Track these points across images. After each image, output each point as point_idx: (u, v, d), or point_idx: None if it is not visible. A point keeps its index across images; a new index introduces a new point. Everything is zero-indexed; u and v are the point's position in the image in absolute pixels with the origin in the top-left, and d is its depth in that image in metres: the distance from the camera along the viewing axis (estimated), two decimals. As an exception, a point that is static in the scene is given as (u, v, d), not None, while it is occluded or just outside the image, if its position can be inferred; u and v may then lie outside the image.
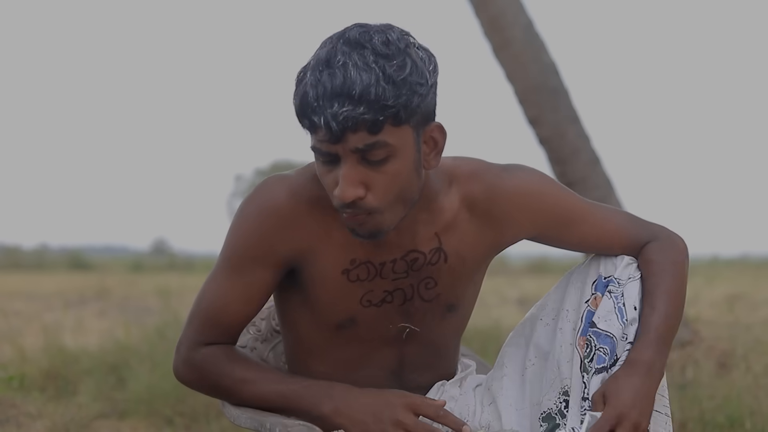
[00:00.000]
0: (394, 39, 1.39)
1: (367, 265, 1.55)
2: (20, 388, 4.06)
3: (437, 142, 1.47)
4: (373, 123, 1.36)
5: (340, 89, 1.35)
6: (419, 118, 1.42)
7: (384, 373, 1.64)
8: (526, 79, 4.88)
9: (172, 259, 20.52)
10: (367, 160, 1.40)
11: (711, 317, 6.26)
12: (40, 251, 22.14)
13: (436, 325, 1.63)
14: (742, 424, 3.06)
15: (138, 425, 3.67)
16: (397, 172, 1.42)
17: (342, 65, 1.36)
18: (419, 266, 1.57)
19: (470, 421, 1.67)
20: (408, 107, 1.38)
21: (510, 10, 4.87)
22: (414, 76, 1.38)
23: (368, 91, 1.35)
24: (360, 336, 1.60)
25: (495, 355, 4.13)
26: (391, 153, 1.40)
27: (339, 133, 1.36)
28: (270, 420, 1.51)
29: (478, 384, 1.73)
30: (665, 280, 1.57)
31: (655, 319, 1.53)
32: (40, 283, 12.28)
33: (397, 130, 1.39)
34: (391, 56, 1.37)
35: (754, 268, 14.42)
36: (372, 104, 1.35)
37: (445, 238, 1.56)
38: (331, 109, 1.35)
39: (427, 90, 1.41)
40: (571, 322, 1.60)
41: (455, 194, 1.56)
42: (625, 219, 1.64)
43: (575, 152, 4.85)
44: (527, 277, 13.43)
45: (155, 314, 6.77)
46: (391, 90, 1.36)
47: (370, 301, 1.57)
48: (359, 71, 1.35)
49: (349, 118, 1.35)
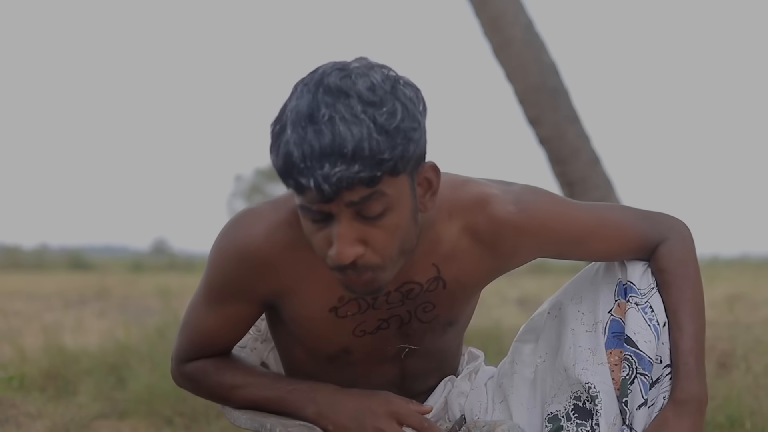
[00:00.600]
0: (378, 82, 1.27)
1: (358, 301, 1.47)
2: (20, 388, 4.06)
3: (431, 183, 1.37)
4: (371, 179, 1.25)
5: (330, 148, 1.22)
6: (414, 163, 1.31)
7: (386, 385, 1.60)
8: (526, 79, 4.88)
9: (172, 259, 20.51)
10: (363, 215, 1.29)
11: (711, 317, 6.25)
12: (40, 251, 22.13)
13: (437, 341, 1.60)
14: (743, 424, 3.05)
15: (138, 425, 3.67)
16: (396, 225, 1.31)
17: (328, 120, 1.23)
18: (415, 295, 1.50)
19: (481, 417, 1.65)
20: (404, 157, 1.27)
21: (510, 10, 4.88)
22: (406, 121, 1.27)
23: (361, 147, 1.22)
24: (357, 361, 1.56)
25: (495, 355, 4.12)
26: (389, 205, 1.30)
27: (332, 193, 1.25)
28: (270, 421, 1.51)
29: (489, 377, 1.70)
30: (685, 292, 1.55)
31: (687, 342, 1.52)
32: (40, 283, 12.27)
33: (395, 180, 1.29)
34: (380, 103, 1.25)
35: (754, 268, 14.41)
36: (367, 161, 1.23)
37: (443, 267, 1.48)
38: (322, 170, 1.22)
39: (420, 134, 1.30)
40: (586, 325, 1.57)
41: (456, 224, 1.47)
42: (633, 220, 1.59)
43: (575, 152, 4.85)
44: (527, 277, 13.42)
45: (155, 314, 6.77)
46: (386, 141, 1.24)
47: (364, 331, 1.51)
48: (348, 125, 1.23)
49: (344, 179, 1.23)
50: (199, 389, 1.61)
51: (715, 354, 4.51)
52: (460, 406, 1.66)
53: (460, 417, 1.66)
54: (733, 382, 3.54)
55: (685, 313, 1.54)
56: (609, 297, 1.57)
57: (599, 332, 1.55)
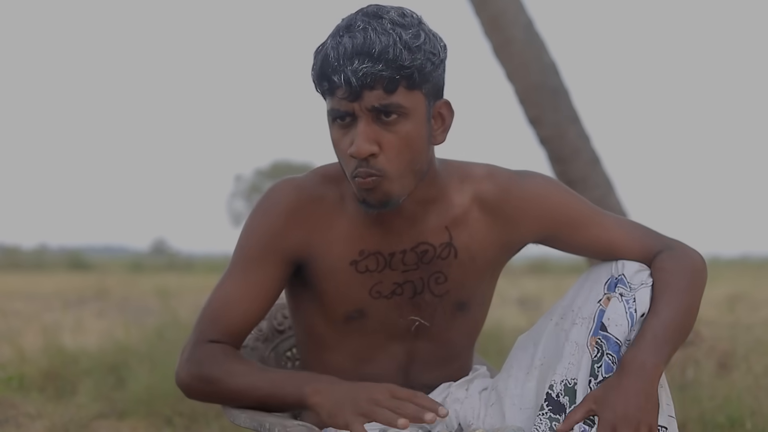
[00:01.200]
0: (409, 13, 1.49)
1: (377, 256, 1.59)
2: (20, 388, 4.06)
3: (445, 119, 1.54)
4: (390, 81, 1.43)
5: (361, 48, 1.43)
6: (430, 88, 1.49)
7: (393, 367, 1.65)
8: (526, 79, 4.87)
9: (171, 259, 20.56)
10: (381, 120, 1.46)
11: (711, 317, 6.26)
12: (39, 251, 22.16)
13: (447, 323, 1.65)
14: (743, 424, 3.05)
15: (137, 425, 3.67)
16: (409, 135, 1.48)
17: (362, 29, 1.44)
18: (429, 259, 1.60)
19: (473, 423, 1.66)
20: (422, 71, 1.46)
21: (510, 10, 4.87)
22: (428, 45, 1.46)
23: (387, 51, 1.43)
24: (370, 328, 1.62)
25: (495, 355, 4.13)
26: (404, 114, 1.47)
27: (358, 88, 1.43)
28: (269, 420, 1.51)
29: (484, 387, 1.72)
30: (673, 285, 1.56)
31: (655, 322, 1.52)
32: (39, 283, 12.29)
33: (411, 94, 1.46)
34: (407, 26, 1.46)
35: (754, 268, 14.43)
36: (390, 63, 1.43)
37: (455, 233, 1.60)
38: (351, 66, 1.43)
39: (438, 61, 1.49)
40: (579, 321, 1.58)
41: (467, 192, 1.61)
42: (638, 228, 1.65)
43: (575, 152, 4.85)
44: (527, 277, 13.44)
45: (155, 314, 6.77)
46: (407, 54, 1.44)
47: (379, 293, 1.60)
48: (378, 35, 1.43)
49: (368, 74, 1.43)
50: (202, 375, 1.58)
51: (715, 354, 4.51)
52: (456, 413, 1.67)
53: (458, 427, 1.66)
54: (734, 383, 3.54)
55: (666, 301, 1.54)
56: (600, 290, 1.59)
57: (588, 326, 1.56)
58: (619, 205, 4.93)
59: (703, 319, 5.86)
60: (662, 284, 1.56)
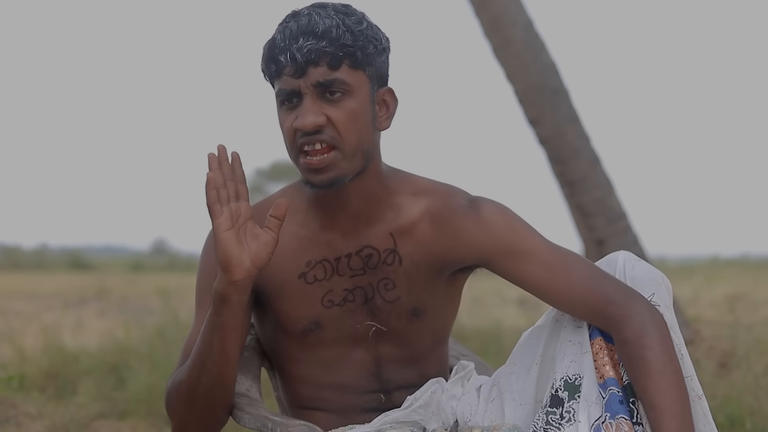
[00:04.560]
0: (352, 7, 1.57)
1: (323, 264, 1.61)
2: (20, 388, 4.06)
3: (389, 106, 1.59)
4: (333, 57, 1.50)
5: (305, 28, 1.50)
6: (374, 72, 1.56)
7: (363, 372, 1.66)
8: (526, 79, 4.88)
9: (171, 259, 20.53)
10: (326, 98, 1.51)
11: (711, 317, 6.26)
12: (40, 251, 22.14)
13: (405, 327, 1.65)
14: (743, 424, 3.06)
15: (138, 425, 3.67)
16: (354, 111, 1.53)
17: (307, 14, 1.52)
18: (374, 264, 1.61)
19: (471, 419, 1.66)
20: (365, 52, 1.52)
21: (510, 10, 4.88)
22: (370, 31, 1.54)
23: (330, 30, 1.50)
24: (329, 338, 1.63)
25: (495, 355, 4.13)
26: (348, 92, 1.52)
27: (303, 65, 1.50)
28: (271, 420, 1.52)
29: (481, 384, 1.72)
30: (664, 371, 1.47)
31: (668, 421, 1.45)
32: (40, 283, 12.28)
33: (354, 73, 1.53)
34: (350, 14, 1.54)
35: (754, 268, 14.41)
36: (333, 41, 1.50)
37: (400, 241, 1.61)
38: (297, 44, 1.50)
39: (381, 48, 1.56)
40: (577, 321, 1.58)
41: (420, 204, 1.62)
42: (594, 279, 1.55)
43: (575, 152, 4.86)
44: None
45: (155, 314, 6.78)
46: (350, 35, 1.51)
47: (331, 301, 1.62)
48: (322, 18, 1.51)
49: (312, 51, 1.49)
50: (179, 389, 1.56)
51: (715, 354, 4.51)
52: (453, 409, 1.68)
53: (454, 423, 1.66)
54: (733, 382, 3.54)
55: (668, 399, 1.46)
56: None
57: (585, 326, 1.56)
58: (619, 205, 4.94)
59: (703, 318, 5.87)
60: (649, 371, 1.46)
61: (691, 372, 1.55)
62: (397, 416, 1.60)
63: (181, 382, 1.55)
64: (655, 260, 9.19)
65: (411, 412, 1.61)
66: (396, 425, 1.58)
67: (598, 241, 4.85)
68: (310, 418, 1.64)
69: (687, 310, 6.00)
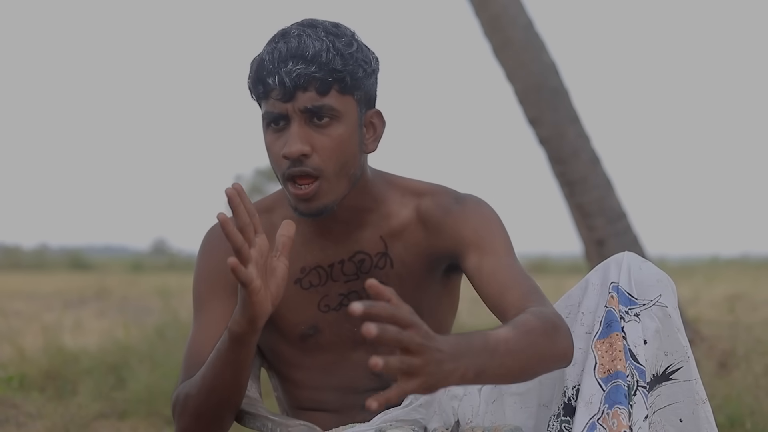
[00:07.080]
0: (342, 26, 1.54)
1: (318, 270, 1.63)
2: (20, 388, 4.06)
3: (376, 128, 1.58)
4: (323, 83, 1.48)
5: (295, 51, 1.48)
6: (362, 96, 1.54)
7: (363, 374, 1.65)
8: (526, 79, 4.88)
9: (171, 259, 20.56)
10: (314, 123, 1.50)
11: (711, 317, 6.26)
12: (40, 251, 22.16)
13: None
14: (743, 424, 3.06)
15: (138, 425, 3.67)
16: (341, 138, 1.51)
17: (297, 36, 1.49)
18: (367, 268, 1.63)
19: (472, 420, 1.66)
20: (354, 77, 1.50)
21: (510, 10, 4.88)
22: (360, 54, 1.51)
23: (320, 54, 1.47)
24: (327, 342, 1.64)
25: (495, 355, 4.10)
26: (336, 118, 1.50)
27: (291, 89, 1.47)
28: (271, 420, 1.52)
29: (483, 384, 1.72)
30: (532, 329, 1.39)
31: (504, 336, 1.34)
32: (39, 283, 12.29)
33: (343, 99, 1.51)
34: (340, 35, 1.51)
35: (754, 268, 14.42)
36: (323, 65, 1.47)
37: (391, 243, 1.62)
38: (286, 68, 1.47)
39: (371, 71, 1.54)
40: (585, 325, 1.57)
41: (409, 205, 1.63)
42: (530, 286, 1.55)
43: (575, 152, 4.86)
44: (527, 277, 13.39)
45: (155, 314, 6.78)
46: (340, 59, 1.49)
47: (328, 306, 1.63)
48: (312, 40, 1.48)
49: (301, 76, 1.47)
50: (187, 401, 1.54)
51: (715, 354, 4.51)
52: (454, 410, 1.67)
53: (456, 423, 1.66)
54: (733, 382, 3.54)
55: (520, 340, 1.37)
56: (604, 292, 1.57)
57: (594, 332, 1.54)
58: (619, 205, 4.94)
59: (703, 318, 5.87)
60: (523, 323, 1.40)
61: (696, 375, 1.54)
62: (397, 414, 1.60)
63: (189, 397, 1.54)
64: (655, 260, 9.17)
65: (411, 410, 1.61)
66: (396, 423, 1.58)
67: (598, 241, 4.84)
68: (310, 418, 1.64)
69: (687, 310, 5.99)
